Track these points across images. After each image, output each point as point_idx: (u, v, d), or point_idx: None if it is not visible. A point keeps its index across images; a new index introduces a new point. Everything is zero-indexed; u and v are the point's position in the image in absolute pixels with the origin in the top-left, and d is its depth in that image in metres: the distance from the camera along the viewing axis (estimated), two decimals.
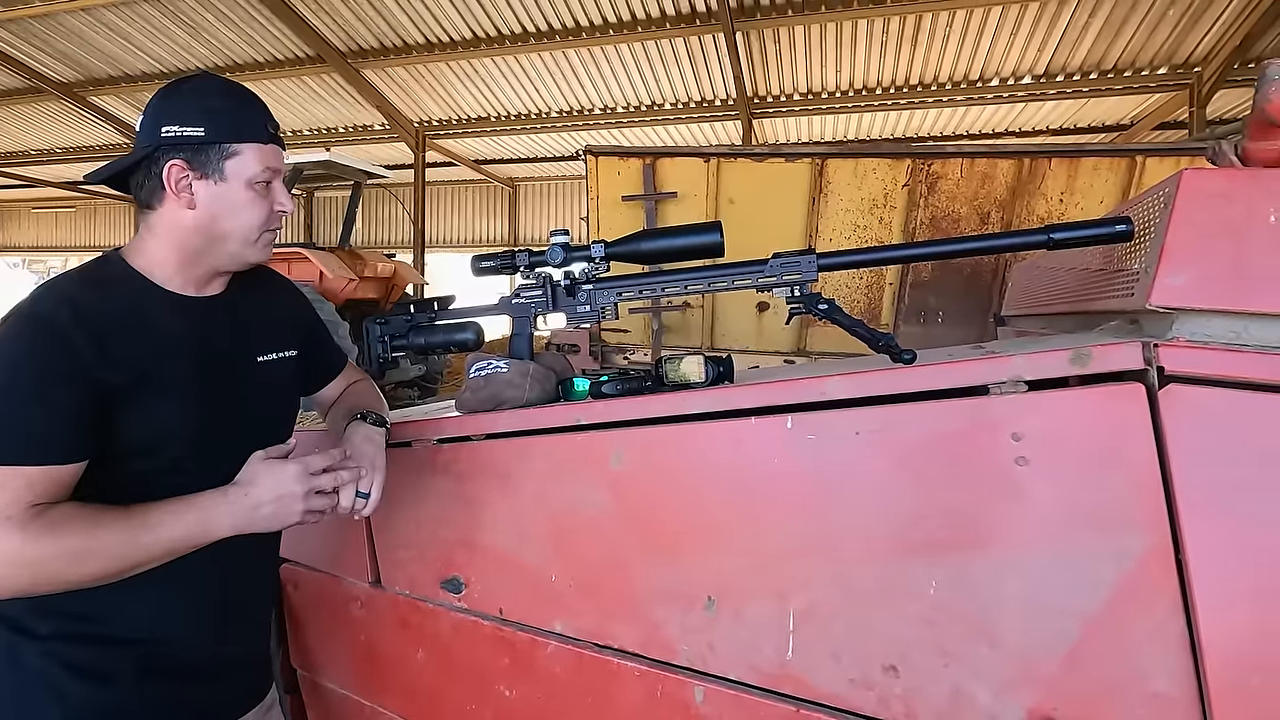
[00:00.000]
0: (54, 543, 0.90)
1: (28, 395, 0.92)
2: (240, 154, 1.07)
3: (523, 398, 1.28)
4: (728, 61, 9.35)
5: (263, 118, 1.11)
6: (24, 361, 0.93)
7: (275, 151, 1.12)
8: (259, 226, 1.11)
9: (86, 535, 0.91)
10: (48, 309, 0.96)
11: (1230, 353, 0.84)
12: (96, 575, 0.93)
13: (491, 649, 1.31)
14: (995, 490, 0.92)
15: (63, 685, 1.01)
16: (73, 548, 0.90)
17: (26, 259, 21.76)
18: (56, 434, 0.93)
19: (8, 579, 0.89)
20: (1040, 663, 0.89)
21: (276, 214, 1.13)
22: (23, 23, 9.86)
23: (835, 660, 1.01)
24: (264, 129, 1.10)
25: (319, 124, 12.99)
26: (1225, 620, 0.81)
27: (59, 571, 0.91)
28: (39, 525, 0.90)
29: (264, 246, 1.14)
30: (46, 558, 0.89)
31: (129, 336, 1.00)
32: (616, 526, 1.17)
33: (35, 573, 0.90)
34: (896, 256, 1.22)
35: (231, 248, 1.10)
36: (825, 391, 1.01)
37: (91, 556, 0.91)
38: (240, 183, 1.07)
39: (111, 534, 0.93)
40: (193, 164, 1.05)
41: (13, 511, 0.89)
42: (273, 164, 1.10)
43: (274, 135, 1.12)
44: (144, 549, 0.94)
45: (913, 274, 5.25)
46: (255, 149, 1.08)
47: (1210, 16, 7.85)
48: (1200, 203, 0.89)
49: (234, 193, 1.07)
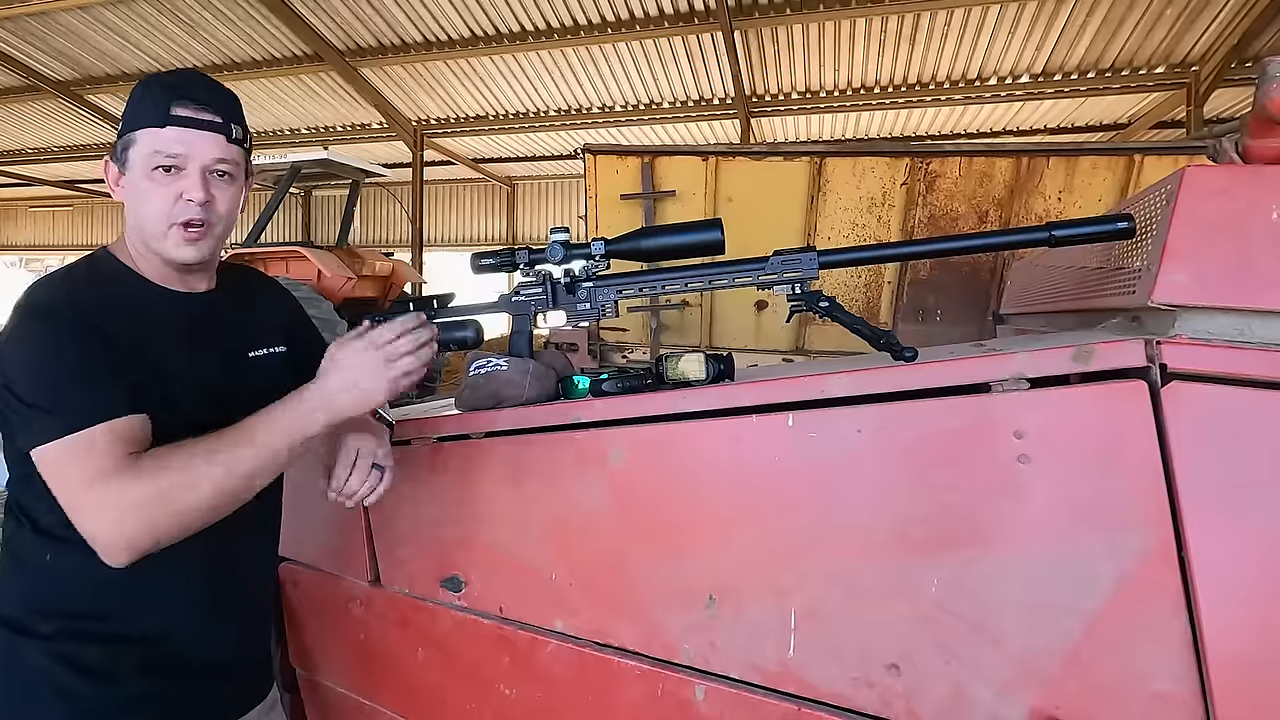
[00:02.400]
0: (166, 474, 0.91)
1: (77, 365, 0.94)
2: (136, 141, 1.03)
3: (522, 396, 1.28)
4: (726, 60, 9.34)
5: (166, 101, 1.01)
6: (54, 343, 0.95)
7: (177, 135, 1.01)
8: (160, 218, 1.03)
9: (191, 457, 0.93)
10: (54, 299, 0.98)
11: (1233, 350, 0.83)
12: (210, 498, 0.93)
13: (491, 648, 1.30)
14: (997, 488, 0.91)
15: (66, 684, 1.01)
16: (184, 472, 0.92)
17: (24, 258, 21.71)
18: (115, 386, 0.95)
19: (147, 519, 0.90)
20: (1042, 661, 0.89)
21: (183, 204, 1.03)
22: (20, 21, 9.82)
23: (837, 659, 1.00)
24: (161, 113, 1.01)
25: (317, 122, 12.97)
26: (1228, 618, 0.81)
27: (177, 503, 0.91)
28: (145, 463, 0.92)
29: (179, 244, 1.05)
30: (175, 487, 0.91)
31: (125, 328, 1.00)
32: (617, 524, 1.17)
33: (170, 507, 0.91)
34: (897, 254, 1.22)
35: (151, 243, 1.06)
36: (826, 389, 1.01)
37: (203, 479, 0.92)
38: (138, 171, 1.03)
39: (214, 452, 0.94)
40: (114, 158, 1.06)
41: (110, 464, 0.90)
42: (167, 148, 1.01)
43: (181, 118, 1.01)
44: (254, 457, 0.95)
45: (911, 272, 5.25)
46: (148, 134, 1.01)
47: (1208, 16, 7.85)
48: (1202, 200, 0.89)
49: (136, 182, 1.04)
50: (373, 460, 1.12)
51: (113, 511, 0.90)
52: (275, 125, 13.02)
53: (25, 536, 1.03)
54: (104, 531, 0.90)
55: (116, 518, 0.90)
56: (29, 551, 1.04)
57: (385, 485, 1.13)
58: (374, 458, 1.13)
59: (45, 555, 1.02)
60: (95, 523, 0.90)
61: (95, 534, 0.90)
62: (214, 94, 1.07)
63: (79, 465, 0.91)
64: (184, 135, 1.02)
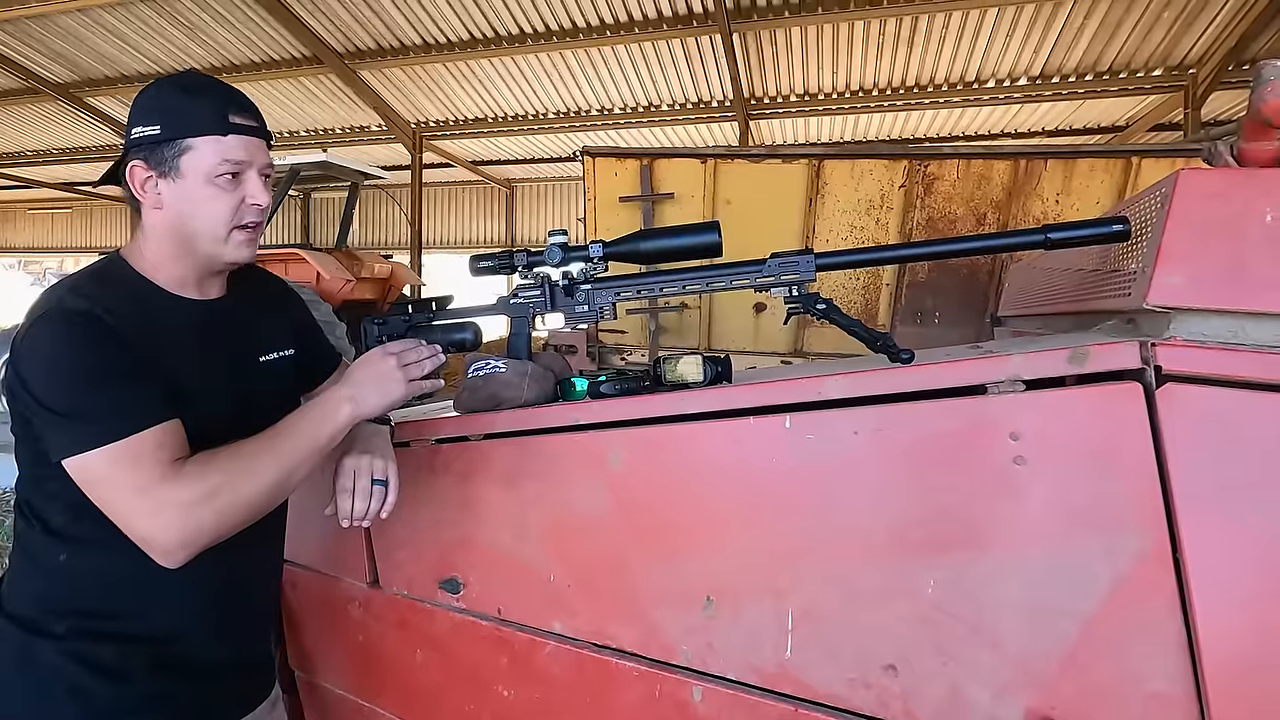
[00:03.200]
0: (218, 472, 0.95)
1: (106, 371, 0.95)
2: (194, 148, 1.03)
3: (521, 398, 1.28)
4: (724, 63, 9.36)
5: (222, 109, 1.04)
6: (83, 351, 0.95)
7: (240, 143, 1.05)
8: (225, 223, 1.06)
9: (241, 457, 0.97)
10: (80, 304, 0.97)
11: (1227, 352, 0.84)
12: (264, 490, 0.98)
13: (490, 649, 1.31)
14: (993, 490, 0.92)
15: (80, 682, 1.02)
16: (234, 470, 0.96)
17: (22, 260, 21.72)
18: (148, 392, 0.97)
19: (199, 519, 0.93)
20: (1039, 662, 0.90)
21: (248, 208, 1.08)
22: (19, 23, 9.83)
23: (834, 660, 1.01)
24: (221, 120, 1.04)
25: (316, 125, 12.98)
26: (1223, 619, 0.82)
27: (236, 498, 0.95)
28: (194, 465, 0.95)
29: (239, 245, 1.09)
30: (222, 485, 0.94)
31: (141, 336, 1.00)
32: (615, 526, 1.17)
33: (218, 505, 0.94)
34: (894, 256, 1.23)
35: (203, 247, 1.07)
36: (823, 391, 1.01)
37: (252, 472, 0.97)
38: (198, 178, 1.04)
39: (256, 450, 0.99)
40: (151, 163, 1.04)
41: (159, 471, 0.93)
42: (234, 155, 1.04)
43: (239, 126, 1.05)
44: (289, 452, 1.00)
45: (909, 274, 5.26)
46: (211, 141, 1.03)
47: (1205, 18, 7.87)
48: (1197, 202, 0.89)
49: (193, 189, 1.04)
50: (372, 476, 1.12)
51: (169, 513, 0.92)
52: (274, 128, 12.95)
53: (36, 536, 1.04)
54: (162, 535, 0.92)
55: (172, 519, 0.91)
56: (41, 551, 1.04)
57: (392, 499, 1.13)
58: (373, 473, 1.12)
59: (59, 555, 1.03)
60: (151, 527, 0.92)
61: (153, 538, 0.92)
62: (250, 102, 1.11)
63: (127, 472, 0.92)
64: (246, 143, 1.07)
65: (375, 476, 1.12)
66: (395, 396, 1.08)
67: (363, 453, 1.13)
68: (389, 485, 1.13)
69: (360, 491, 1.11)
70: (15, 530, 1.08)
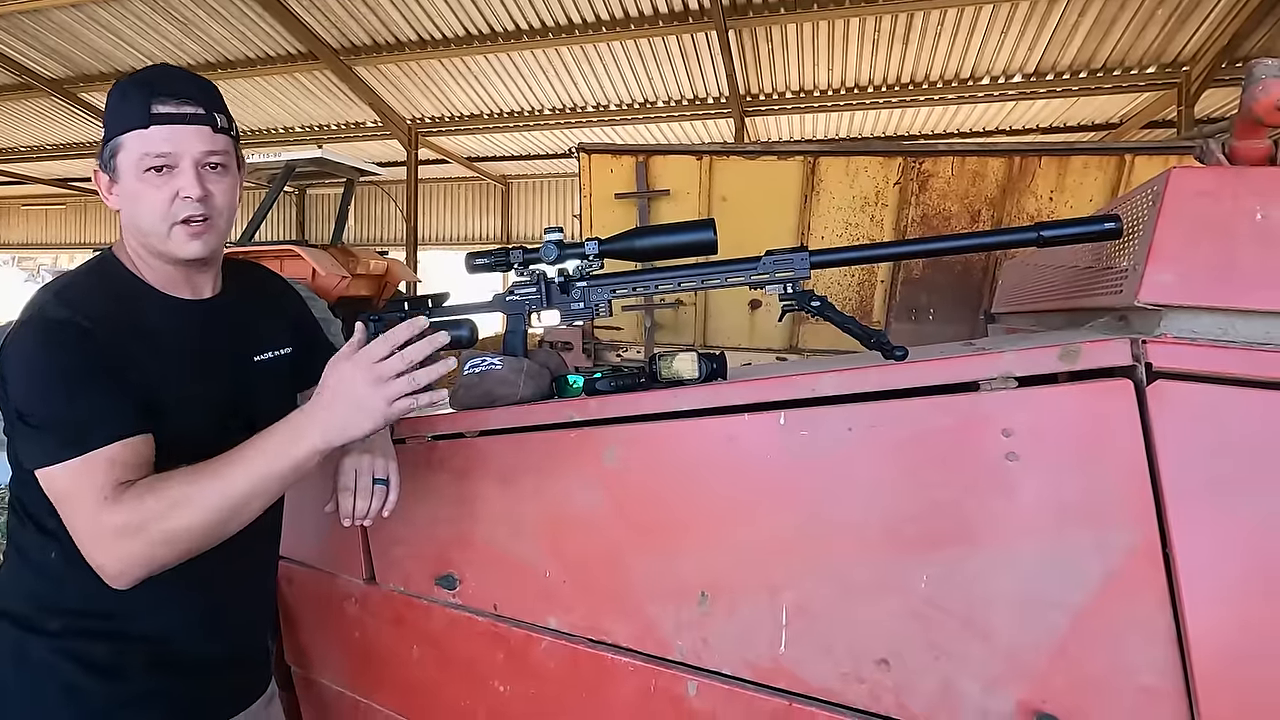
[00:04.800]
0: (156, 499, 0.91)
1: (78, 384, 0.94)
2: (123, 145, 1.02)
3: (516, 395, 1.28)
4: (720, 59, 9.34)
5: (145, 100, 1.00)
6: (57, 360, 0.94)
7: (163, 133, 1.01)
8: (161, 219, 1.03)
9: (184, 484, 0.93)
10: (61, 313, 0.97)
11: (1217, 349, 0.85)
12: (210, 523, 0.92)
13: (486, 645, 1.31)
14: (986, 486, 0.93)
15: (74, 680, 1.02)
16: (174, 498, 0.91)
17: (16, 256, 21.60)
18: (116, 408, 0.95)
19: (142, 551, 0.91)
20: (1030, 656, 0.90)
21: (181, 202, 1.02)
22: (12, 18, 9.76)
23: (827, 654, 1.01)
24: (142, 112, 1.00)
25: (311, 121, 12.92)
26: (1212, 614, 0.83)
27: (169, 528, 0.91)
28: (136, 490, 0.92)
29: (183, 241, 1.04)
30: (153, 516, 0.90)
31: (132, 341, 1.01)
32: (610, 522, 1.17)
33: (149, 536, 0.90)
34: (888, 254, 1.23)
35: (152, 243, 1.06)
36: (818, 388, 1.02)
37: (193, 503, 0.91)
38: (130, 175, 1.02)
39: (207, 478, 0.93)
40: (102, 166, 1.05)
41: (107, 491, 0.91)
42: (155, 148, 1.00)
43: (163, 115, 1.00)
44: (242, 483, 0.93)
45: (904, 271, 5.27)
46: (134, 136, 1.01)
47: (1198, 16, 7.88)
48: (1188, 200, 0.90)
49: (129, 187, 1.03)
50: (373, 475, 1.12)
51: (107, 538, 0.91)
52: (269, 124, 12.98)
53: (29, 534, 1.04)
54: (100, 558, 0.92)
55: (109, 546, 0.91)
56: (34, 549, 1.05)
57: (393, 498, 1.13)
58: (374, 472, 1.13)
59: (50, 553, 1.03)
60: (92, 549, 0.92)
61: (93, 560, 0.92)
62: (192, 85, 1.05)
63: (79, 491, 0.92)
64: (170, 132, 1.01)
65: (376, 475, 1.12)
66: (367, 428, 0.93)
67: (363, 451, 1.14)
68: (390, 484, 1.13)
69: (361, 490, 1.11)
70: (8, 527, 1.08)
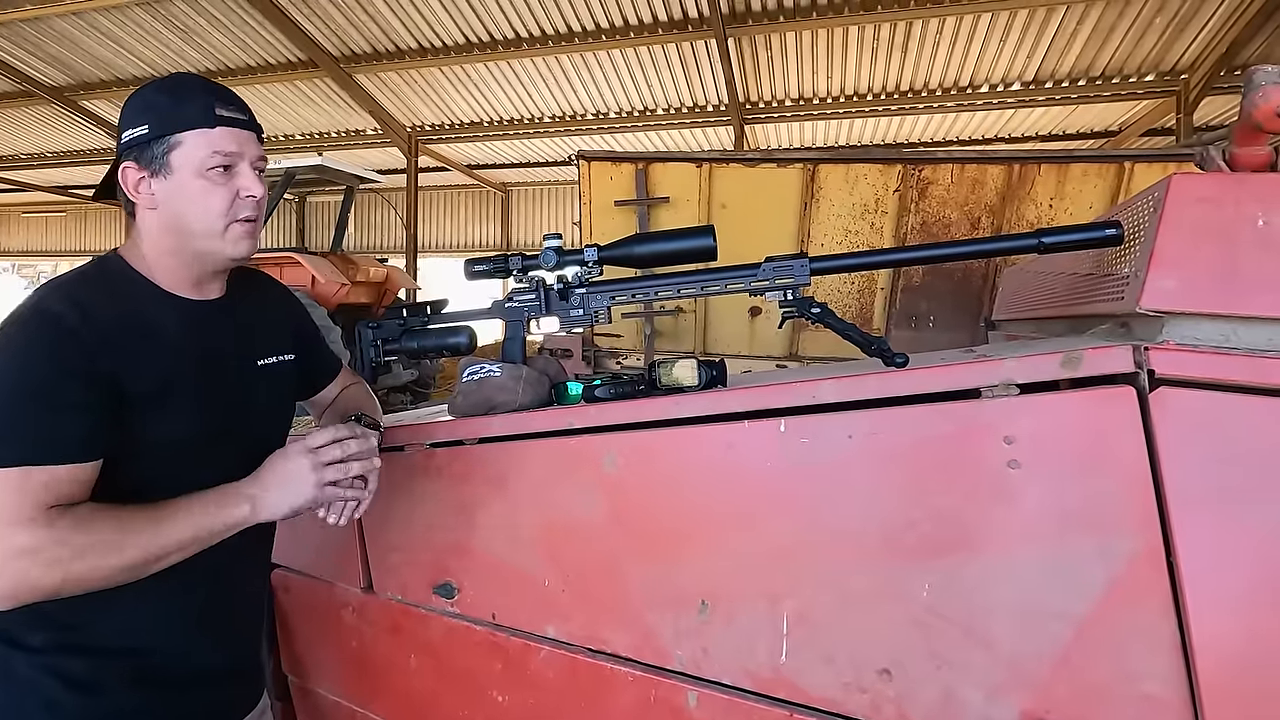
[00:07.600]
0: (83, 537, 0.89)
1: (41, 394, 0.91)
2: (183, 143, 1.02)
3: (515, 401, 1.28)
4: (720, 67, 9.38)
5: (208, 102, 1.03)
6: (35, 360, 0.92)
7: (228, 134, 1.04)
8: (221, 216, 1.04)
9: (113, 528, 0.91)
10: (56, 308, 0.95)
11: (1220, 356, 0.84)
12: (124, 568, 0.92)
13: (484, 654, 1.30)
14: (987, 493, 0.92)
15: (55, 695, 1.00)
16: (101, 541, 0.90)
17: (16, 264, 21.63)
18: (73, 431, 0.92)
19: (40, 579, 0.88)
20: (1033, 665, 0.90)
21: (244, 201, 1.06)
22: (13, 26, 9.80)
23: (828, 664, 1.01)
24: (207, 112, 1.03)
25: (311, 128, 12.96)
26: (1216, 622, 0.82)
27: (88, 568, 0.90)
28: (65, 523, 0.89)
29: (237, 239, 1.07)
30: (74, 554, 0.88)
31: (134, 339, 0.99)
32: (609, 530, 1.17)
33: (66, 570, 0.88)
34: (888, 260, 1.23)
35: (200, 244, 1.06)
36: (818, 395, 1.02)
37: (119, 549, 0.91)
38: (189, 172, 1.02)
39: (136, 524, 0.93)
40: (141, 163, 1.03)
41: (35, 513, 0.88)
42: (223, 147, 1.03)
43: (226, 118, 1.04)
44: (168, 537, 0.94)
45: (904, 278, 5.27)
46: (199, 135, 1.02)
47: (1197, 24, 7.92)
48: (1189, 207, 0.90)
49: (185, 184, 1.03)
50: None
51: (7, 555, 0.87)
52: (269, 131, 13.01)
53: None
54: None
55: (6, 562, 0.87)
56: None
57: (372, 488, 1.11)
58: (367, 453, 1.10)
59: None
60: None
61: None
62: (236, 97, 1.09)
63: (8, 500, 0.88)
64: (235, 134, 1.05)
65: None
66: (300, 502, 1.02)
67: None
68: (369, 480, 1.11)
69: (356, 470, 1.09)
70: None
